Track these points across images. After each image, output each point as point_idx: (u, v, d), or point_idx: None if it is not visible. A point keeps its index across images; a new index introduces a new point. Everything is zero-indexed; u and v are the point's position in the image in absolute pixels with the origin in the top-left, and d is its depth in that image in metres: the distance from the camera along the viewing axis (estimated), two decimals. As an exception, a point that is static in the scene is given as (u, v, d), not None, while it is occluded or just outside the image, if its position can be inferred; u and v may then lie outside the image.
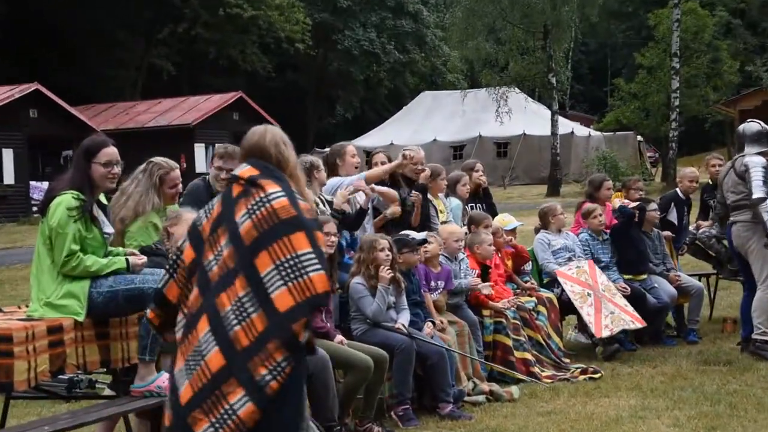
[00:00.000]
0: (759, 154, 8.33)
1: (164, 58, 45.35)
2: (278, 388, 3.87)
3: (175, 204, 6.30)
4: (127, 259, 5.35)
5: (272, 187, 4.03)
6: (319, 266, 3.92)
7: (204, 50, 45.96)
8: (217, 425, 3.86)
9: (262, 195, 4.01)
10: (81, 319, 5.16)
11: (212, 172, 6.81)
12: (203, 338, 3.93)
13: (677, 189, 10.19)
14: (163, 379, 5.27)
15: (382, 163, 7.95)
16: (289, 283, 3.87)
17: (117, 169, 5.37)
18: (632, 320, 8.67)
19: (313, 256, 3.92)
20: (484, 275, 8.14)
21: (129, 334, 5.51)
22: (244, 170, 4.12)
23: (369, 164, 8.41)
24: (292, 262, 3.88)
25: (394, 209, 7.64)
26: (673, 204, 9.96)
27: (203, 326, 3.95)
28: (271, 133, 4.22)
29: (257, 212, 3.97)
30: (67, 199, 5.15)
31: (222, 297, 3.94)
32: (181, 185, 6.28)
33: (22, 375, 4.86)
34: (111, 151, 5.34)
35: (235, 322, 3.89)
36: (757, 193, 8.07)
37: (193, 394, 3.92)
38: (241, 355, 3.87)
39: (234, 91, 38.56)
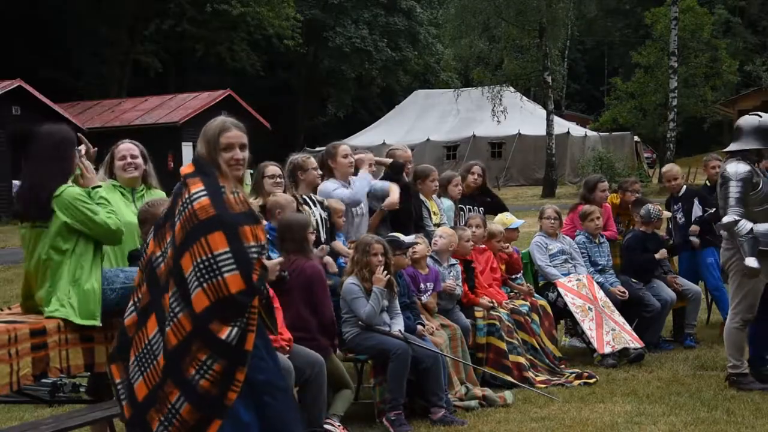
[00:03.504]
0: (755, 151, 7.38)
1: (151, 55, 44.95)
2: (210, 387, 3.94)
3: (132, 179, 6.05)
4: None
5: (196, 187, 4.06)
6: (233, 266, 3.95)
7: (191, 47, 45.54)
8: (166, 423, 4.00)
9: (187, 196, 4.06)
10: (98, 323, 5.15)
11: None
12: (153, 337, 4.07)
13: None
14: None
15: (370, 165, 7.99)
16: (204, 284, 3.94)
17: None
18: (631, 339, 8.61)
19: (228, 256, 3.96)
20: (468, 272, 8.06)
21: (114, 338, 5.30)
22: (184, 167, 4.22)
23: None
24: (207, 263, 3.95)
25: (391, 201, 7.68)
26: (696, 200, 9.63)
27: (153, 325, 4.08)
28: (205, 127, 4.25)
29: (183, 213, 4.05)
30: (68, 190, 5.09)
31: (165, 297, 4.06)
32: (135, 160, 6.03)
33: (4, 379, 4.79)
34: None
35: (168, 322, 4.02)
36: (729, 215, 7.22)
37: (148, 392, 4.06)
38: (172, 355, 3.98)
39: (222, 89, 37.87)
